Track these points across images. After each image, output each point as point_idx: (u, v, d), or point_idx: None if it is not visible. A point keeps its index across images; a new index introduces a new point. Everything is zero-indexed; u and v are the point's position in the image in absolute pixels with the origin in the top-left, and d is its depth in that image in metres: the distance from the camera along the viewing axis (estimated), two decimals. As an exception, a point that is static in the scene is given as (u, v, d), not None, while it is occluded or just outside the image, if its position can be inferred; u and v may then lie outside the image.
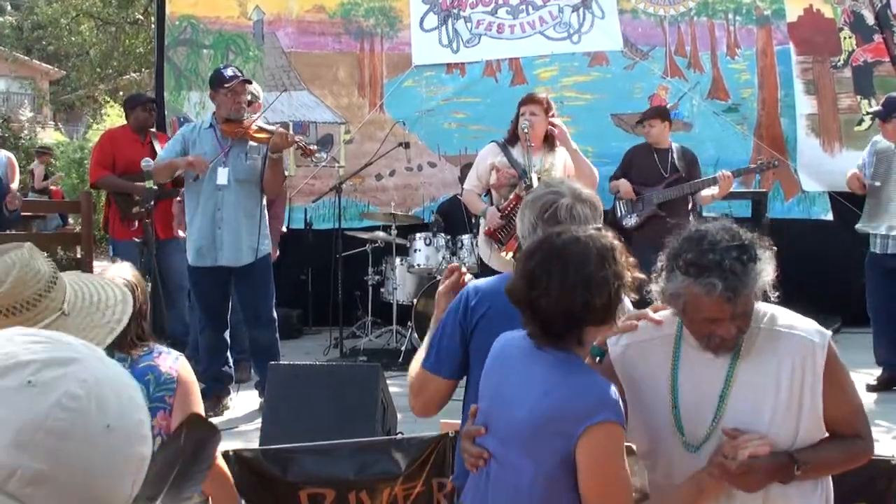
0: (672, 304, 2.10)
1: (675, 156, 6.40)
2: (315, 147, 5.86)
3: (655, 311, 2.23)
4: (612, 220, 6.55)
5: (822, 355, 2.09)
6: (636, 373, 2.21)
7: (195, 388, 2.67)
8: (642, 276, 2.11)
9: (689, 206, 6.34)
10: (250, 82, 5.74)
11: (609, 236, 2.10)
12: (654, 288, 2.13)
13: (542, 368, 2.05)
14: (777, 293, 2.09)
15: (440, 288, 2.68)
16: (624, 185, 6.43)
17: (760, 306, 2.12)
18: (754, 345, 2.12)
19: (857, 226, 5.97)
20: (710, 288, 1.98)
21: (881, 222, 5.82)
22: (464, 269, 2.69)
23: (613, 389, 2.02)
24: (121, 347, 2.59)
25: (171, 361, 2.68)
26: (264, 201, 5.53)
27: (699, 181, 6.26)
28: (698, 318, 2.06)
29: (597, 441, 1.95)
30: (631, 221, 6.32)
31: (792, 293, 2.33)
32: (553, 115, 5.39)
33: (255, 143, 5.42)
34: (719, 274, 1.97)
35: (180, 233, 6.23)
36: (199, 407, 2.68)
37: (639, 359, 2.21)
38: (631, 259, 2.10)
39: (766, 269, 2.05)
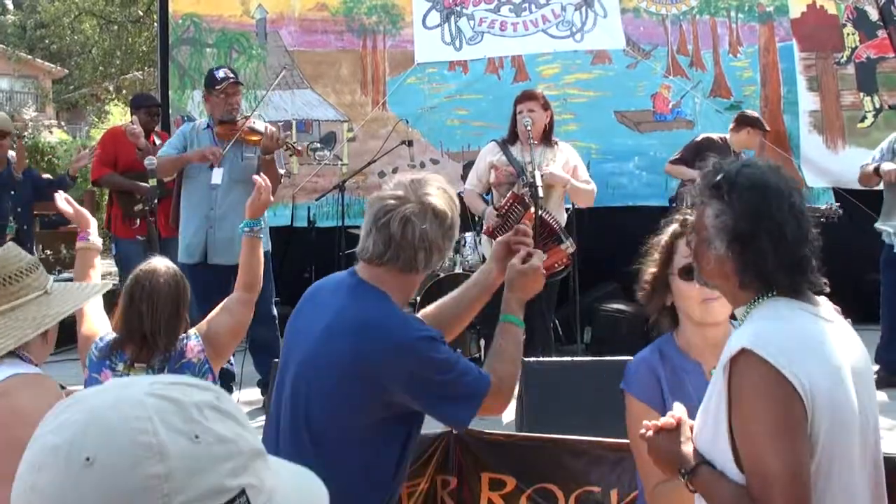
0: None
1: None
2: (312, 151, 5.85)
3: None
4: (676, 207, 6.55)
5: (728, 369, 1.70)
6: None
7: (219, 337, 2.98)
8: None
9: None
10: (241, 84, 5.74)
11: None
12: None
13: None
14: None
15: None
16: None
17: (771, 308, 1.80)
18: (727, 336, 1.88)
19: (877, 225, 5.98)
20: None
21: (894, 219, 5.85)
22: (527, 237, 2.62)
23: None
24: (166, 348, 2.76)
25: (194, 342, 2.81)
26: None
27: None
28: None
29: None
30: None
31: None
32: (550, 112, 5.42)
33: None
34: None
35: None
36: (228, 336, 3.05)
37: None
38: None
39: (721, 213, 1.80)
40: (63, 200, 3.17)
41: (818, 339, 1.75)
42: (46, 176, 8.31)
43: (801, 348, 1.70)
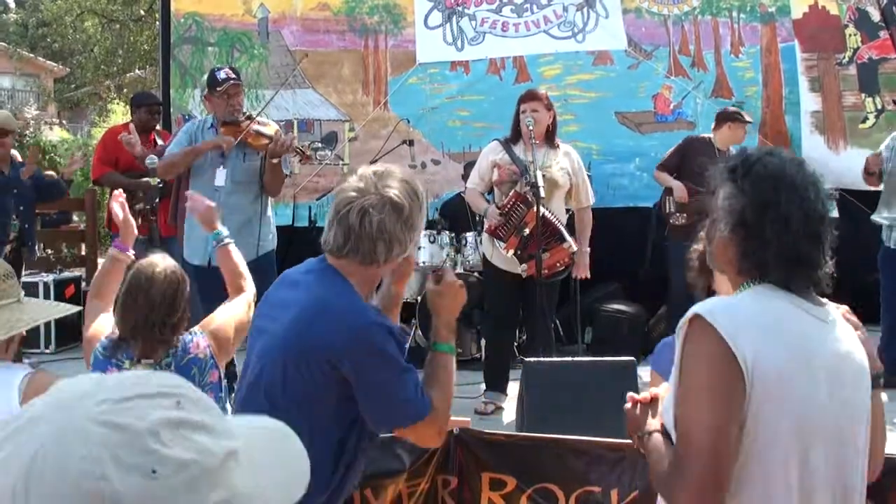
0: None
1: None
2: (313, 151, 5.85)
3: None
4: (658, 212, 6.58)
5: (682, 334, 1.72)
6: None
7: (223, 331, 2.99)
8: None
9: None
10: (242, 83, 5.72)
11: None
12: None
13: None
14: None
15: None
16: (680, 189, 6.27)
17: (751, 290, 1.79)
18: None
19: (873, 216, 6.01)
20: None
21: (891, 212, 5.87)
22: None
23: None
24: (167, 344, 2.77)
25: (200, 339, 2.84)
26: (268, 200, 5.53)
27: None
28: None
29: None
30: (679, 221, 6.24)
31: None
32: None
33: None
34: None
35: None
36: (228, 322, 3.04)
37: None
38: None
39: (731, 197, 1.80)
40: (118, 205, 3.23)
41: (788, 326, 1.73)
42: (49, 172, 8.32)
43: (760, 327, 1.69)
